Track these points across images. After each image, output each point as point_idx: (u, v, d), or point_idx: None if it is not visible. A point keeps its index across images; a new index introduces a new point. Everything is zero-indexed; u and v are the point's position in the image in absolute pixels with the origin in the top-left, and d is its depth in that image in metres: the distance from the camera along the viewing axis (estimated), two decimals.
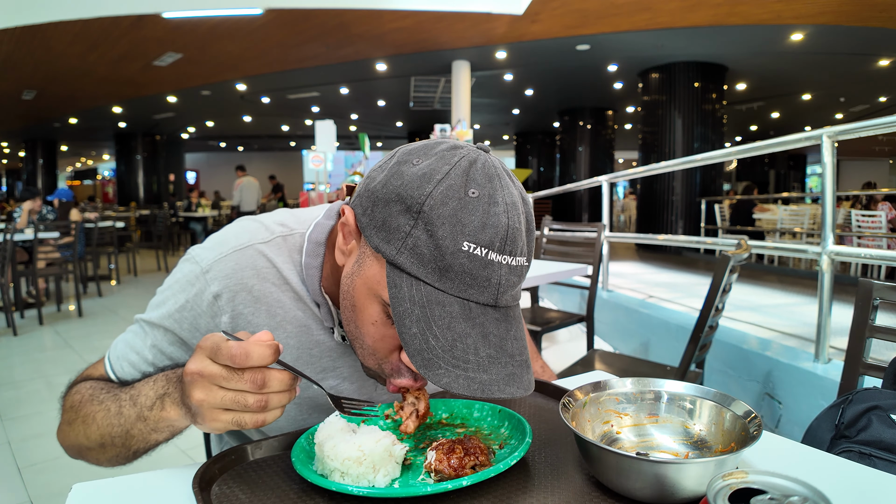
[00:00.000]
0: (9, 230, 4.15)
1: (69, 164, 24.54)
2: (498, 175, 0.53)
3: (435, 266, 0.49)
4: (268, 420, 0.50)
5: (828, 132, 1.85)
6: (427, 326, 0.49)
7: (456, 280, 0.49)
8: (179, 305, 0.64)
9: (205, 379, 0.49)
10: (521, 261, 0.52)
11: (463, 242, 0.49)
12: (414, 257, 0.50)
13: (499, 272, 0.50)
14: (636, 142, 9.37)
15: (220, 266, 0.63)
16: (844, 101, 11.39)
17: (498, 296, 0.51)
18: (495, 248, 0.49)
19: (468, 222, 0.49)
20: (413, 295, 0.50)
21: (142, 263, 8.45)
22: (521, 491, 0.52)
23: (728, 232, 7.50)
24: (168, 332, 0.65)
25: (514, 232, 0.51)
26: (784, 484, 0.38)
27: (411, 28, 6.92)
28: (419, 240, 0.49)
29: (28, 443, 2.34)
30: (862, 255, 2.00)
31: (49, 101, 10.38)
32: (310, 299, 0.66)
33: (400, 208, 0.51)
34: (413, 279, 0.50)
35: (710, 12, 6.20)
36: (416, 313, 0.49)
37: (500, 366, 0.50)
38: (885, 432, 0.79)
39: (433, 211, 0.49)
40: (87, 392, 0.64)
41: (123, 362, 0.67)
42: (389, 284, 0.51)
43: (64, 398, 0.67)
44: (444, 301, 0.50)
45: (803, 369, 1.96)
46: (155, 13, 6.18)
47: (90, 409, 0.61)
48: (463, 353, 0.49)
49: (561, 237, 2.76)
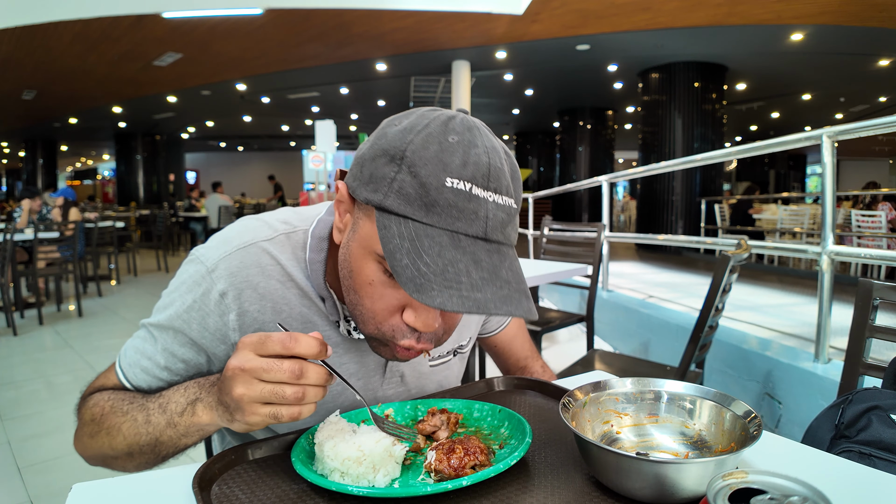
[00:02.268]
0: (9, 230, 4.15)
1: (69, 164, 24.54)
2: (476, 126, 0.55)
3: (421, 203, 0.51)
4: (304, 413, 0.52)
5: (828, 132, 1.85)
6: (417, 256, 0.50)
7: (443, 214, 0.51)
8: (187, 306, 0.65)
9: (246, 373, 0.51)
10: (508, 201, 0.54)
11: (446, 178, 0.50)
12: (400, 198, 0.51)
13: (485, 206, 0.52)
14: (636, 142, 9.37)
15: (225, 264, 0.64)
16: (844, 101, 11.39)
17: (487, 229, 0.52)
18: (478, 182, 0.51)
19: (450, 161, 0.51)
20: (402, 231, 0.51)
21: (142, 263, 8.46)
22: (521, 491, 0.52)
23: (728, 232, 7.50)
24: (178, 333, 0.66)
25: (497, 171, 0.53)
26: (784, 484, 0.38)
27: (411, 28, 6.92)
28: (404, 182, 0.51)
29: (28, 443, 2.34)
30: (862, 255, 2.00)
31: (49, 100, 10.38)
32: (315, 295, 0.66)
33: (385, 160, 0.53)
34: (401, 218, 0.51)
35: (709, 12, 6.20)
36: (405, 246, 0.50)
37: (494, 287, 0.51)
38: (884, 432, 0.79)
39: (415, 154, 0.51)
40: (107, 404, 0.64)
41: (136, 369, 0.67)
42: (379, 227, 0.52)
43: (80, 410, 0.68)
44: (433, 234, 0.51)
45: (803, 369, 1.96)
46: (155, 13, 6.18)
47: (114, 420, 0.62)
48: (455, 275, 0.49)
49: (561, 237, 2.76)
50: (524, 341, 0.97)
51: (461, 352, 0.82)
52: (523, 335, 0.97)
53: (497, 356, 0.99)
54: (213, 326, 0.64)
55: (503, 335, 0.95)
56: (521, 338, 0.97)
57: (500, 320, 0.92)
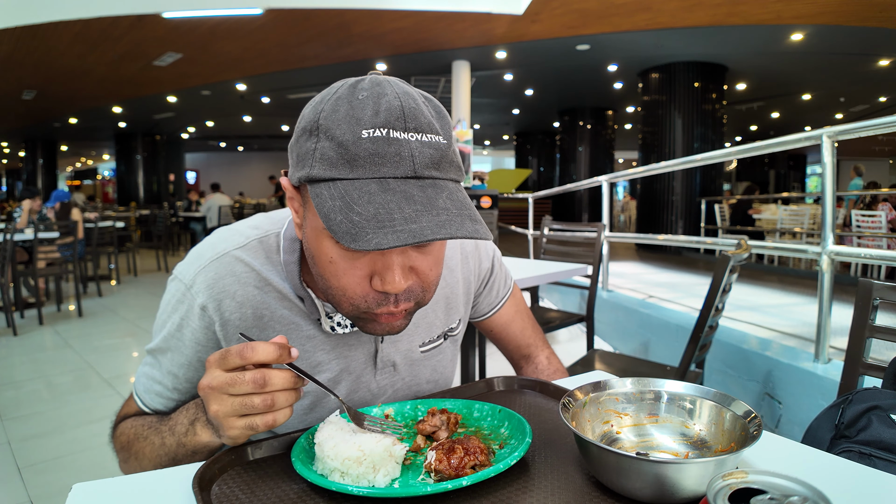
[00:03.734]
0: (9, 230, 4.15)
1: (69, 164, 24.54)
2: (387, 80, 0.55)
3: (343, 161, 0.51)
4: (278, 420, 0.53)
5: (828, 132, 1.84)
6: (349, 210, 0.50)
7: (366, 164, 0.51)
8: (176, 325, 0.67)
9: (214, 390, 0.53)
10: (434, 138, 0.53)
11: (361, 132, 0.51)
12: (324, 164, 0.52)
13: (408, 146, 0.51)
14: (636, 142, 9.37)
15: (201, 278, 0.65)
16: (844, 101, 11.39)
17: (416, 167, 0.51)
18: (394, 126, 0.51)
19: (361, 115, 0.51)
20: (332, 193, 0.51)
21: (142, 263, 8.45)
22: (521, 491, 0.52)
23: (728, 232, 7.50)
24: (175, 353, 0.68)
25: (412, 111, 0.52)
26: (784, 484, 0.38)
27: (411, 28, 6.92)
28: (324, 148, 0.52)
29: (28, 443, 2.34)
30: (862, 255, 2.00)
31: (49, 100, 10.38)
32: (294, 296, 0.67)
33: (305, 137, 0.54)
34: (329, 182, 0.52)
35: (709, 12, 6.20)
36: (337, 205, 0.50)
37: (430, 216, 0.50)
38: (884, 432, 0.79)
39: (328, 120, 0.52)
40: (130, 432, 0.69)
41: (151, 395, 0.71)
42: (313, 198, 0.52)
43: (112, 439, 0.73)
44: (361, 185, 0.51)
45: (803, 369, 1.96)
46: (155, 13, 6.18)
47: (138, 446, 0.67)
48: (387, 215, 0.49)
49: (561, 237, 2.76)
50: (524, 327, 0.92)
51: (452, 335, 0.81)
52: (522, 321, 0.93)
53: (497, 342, 0.95)
54: (204, 340, 0.66)
55: (497, 319, 0.90)
56: (519, 323, 0.92)
57: (490, 302, 0.88)
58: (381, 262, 0.55)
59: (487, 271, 0.85)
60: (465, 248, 0.82)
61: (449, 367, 0.82)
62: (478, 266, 0.84)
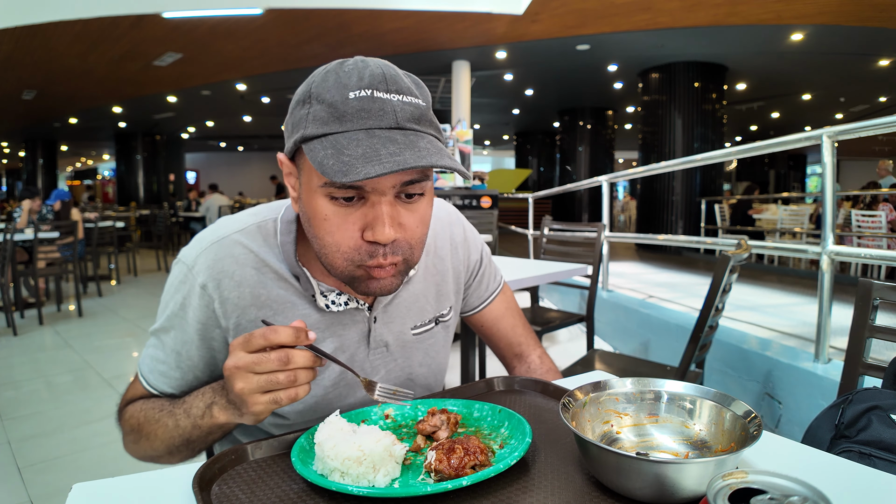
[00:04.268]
0: (9, 230, 4.15)
1: (69, 164, 24.54)
2: (371, 59, 0.62)
3: (333, 119, 0.57)
4: (300, 394, 0.57)
5: (828, 132, 1.84)
6: (340, 154, 0.55)
7: (354, 119, 0.57)
8: (179, 305, 0.70)
9: (240, 370, 0.56)
10: (413, 100, 0.60)
11: (348, 93, 0.57)
12: (316, 123, 0.58)
13: (391, 104, 0.58)
14: (636, 142, 9.37)
15: (202, 259, 0.69)
16: (844, 101, 11.39)
17: (398, 120, 0.58)
18: (378, 88, 0.58)
19: (348, 81, 0.58)
20: (325, 144, 0.57)
21: (142, 263, 8.46)
22: (521, 491, 0.52)
23: (728, 232, 7.50)
24: (178, 331, 0.71)
25: (393, 76, 0.59)
26: (784, 484, 0.38)
27: (411, 28, 6.92)
28: (316, 110, 0.59)
29: (28, 442, 2.34)
30: (862, 255, 2.00)
31: (49, 100, 10.38)
32: (290, 276, 0.71)
33: (298, 107, 0.61)
34: (322, 137, 0.58)
35: (709, 12, 6.20)
36: (329, 153, 0.56)
37: (413, 151, 0.56)
38: (885, 432, 0.79)
39: (318, 88, 0.59)
40: (140, 415, 0.71)
41: (155, 375, 0.73)
42: (307, 153, 0.58)
43: (120, 421, 0.75)
44: (350, 136, 0.57)
45: (803, 369, 1.96)
46: (155, 13, 6.18)
47: (150, 428, 0.69)
48: (374, 154, 0.54)
49: (561, 237, 2.76)
50: (515, 325, 0.94)
51: (443, 321, 0.83)
52: (513, 318, 0.94)
53: (489, 339, 0.96)
54: (204, 318, 0.69)
55: (488, 314, 0.93)
56: (510, 320, 0.94)
57: (480, 296, 0.91)
58: (372, 213, 0.60)
59: (476, 263, 0.89)
60: (455, 239, 0.86)
61: (441, 353, 0.85)
62: (467, 257, 0.87)
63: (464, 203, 5.15)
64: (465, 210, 5.05)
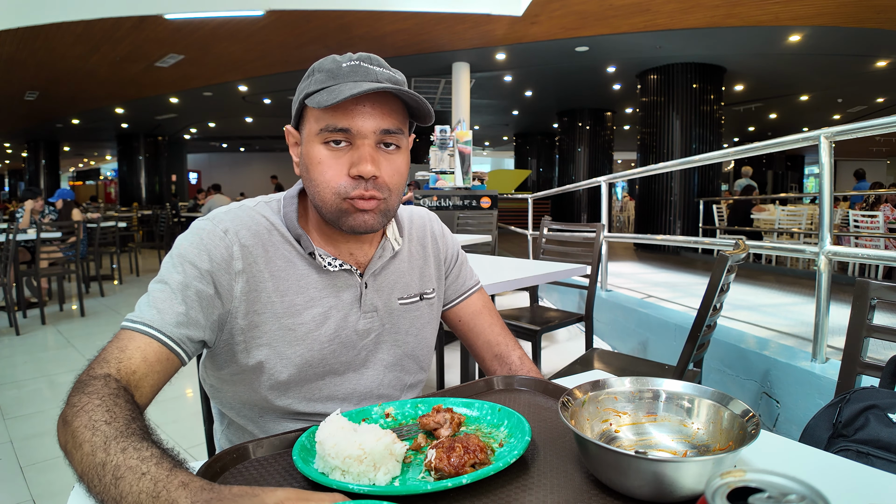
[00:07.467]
0: (11, 230, 4.16)
1: (71, 165, 24.54)
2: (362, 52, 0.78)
3: (330, 78, 0.73)
4: None
5: (825, 133, 1.85)
6: (331, 93, 0.70)
7: (344, 76, 0.73)
8: (195, 243, 0.74)
9: None
10: (392, 74, 0.76)
11: (342, 63, 0.74)
12: (316, 83, 0.74)
13: (374, 70, 0.74)
14: (635, 142, 9.37)
15: (223, 215, 0.78)
16: (842, 101, 11.40)
17: (379, 79, 0.74)
18: (364, 61, 0.75)
19: (342, 57, 0.75)
20: (321, 90, 0.72)
21: (144, 263, 8.46)
22: (521, 489, 0.52)
23: (726, 232, 7.50)
24: (191, 266, 0.72)
25: (377, 59, 0.76)
26: (782, 482, 0.38)
27: (412, 30, 6.92)
28: (316, 77, 0.75)
29: (30, 442, 2.35)
30: (859, 255, 2.00)
31: (51, 101, 10.38)
32: (293, 239, 0.79)
33: (302, 81, 0.77)
34: (319, 91, 0.73)
35: (707, 14, 6.21)
36: (323, 96, 0.71)
37: (391, 84, 0.73)
38: (882, 431, 0.80)
39: (318, 64, 0.76)
40: (85, 418, 0.56)
41: (153, 311, 0.68)
42: (308, 102, 0.73)
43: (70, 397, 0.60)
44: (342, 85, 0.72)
45: (801, 368, 1.96)
46: (157, 14, 6.19)
47: (84, 435, 0.54)
48: (357, 87, 0.70)
49: (560, 237, 2.77)
50: (493, 323, 0.96)
51: (427, 298, 0.90)
52: (491, 317, 0.97)
53: (466, 336, 0.97)
54: (220, 257, 0.74)
55: (466, 308, 0.96)
56: (488, 318, 0.96)
57: (458, 288, 0.97)
58: (357, 154, 0.72)
59: (454, 256, 0.98)
60: (434, 232, 0.96)
61: (427, 328, 0.91)
62: (445, 249, 0.97)
63: (463, 203, 5.15)
64: (464, 210, 5.06)
